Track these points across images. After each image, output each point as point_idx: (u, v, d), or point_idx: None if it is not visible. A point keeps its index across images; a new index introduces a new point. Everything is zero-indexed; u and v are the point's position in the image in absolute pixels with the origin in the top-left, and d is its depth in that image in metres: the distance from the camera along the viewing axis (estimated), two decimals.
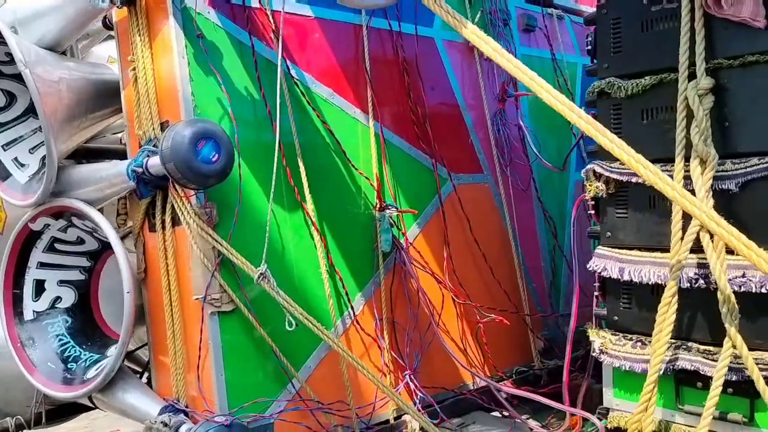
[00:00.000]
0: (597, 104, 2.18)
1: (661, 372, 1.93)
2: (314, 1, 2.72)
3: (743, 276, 1.83)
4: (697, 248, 1.88)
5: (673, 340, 1.94)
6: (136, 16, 2.49)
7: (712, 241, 1.82)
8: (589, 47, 2.21)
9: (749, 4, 1.79)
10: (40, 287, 2.94)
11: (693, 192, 1.84)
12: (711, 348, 1.92)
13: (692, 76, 1.91)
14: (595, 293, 2.24)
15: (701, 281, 1.92)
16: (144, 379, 2.90)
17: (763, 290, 1.79)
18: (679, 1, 1.92)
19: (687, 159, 1.91)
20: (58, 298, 2.98)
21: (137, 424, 2.53)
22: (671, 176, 1.91)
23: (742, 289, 1.82)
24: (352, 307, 2.69)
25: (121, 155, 3.33)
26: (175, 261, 2.45)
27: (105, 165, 2.77)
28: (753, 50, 1.84)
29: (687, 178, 1.90)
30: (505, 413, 2.91)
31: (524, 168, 3.49)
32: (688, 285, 1.94)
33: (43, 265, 2.94)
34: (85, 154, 3.11)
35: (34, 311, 2.94)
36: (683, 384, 2.00)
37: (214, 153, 2.18)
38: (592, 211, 2.21)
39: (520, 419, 2.80)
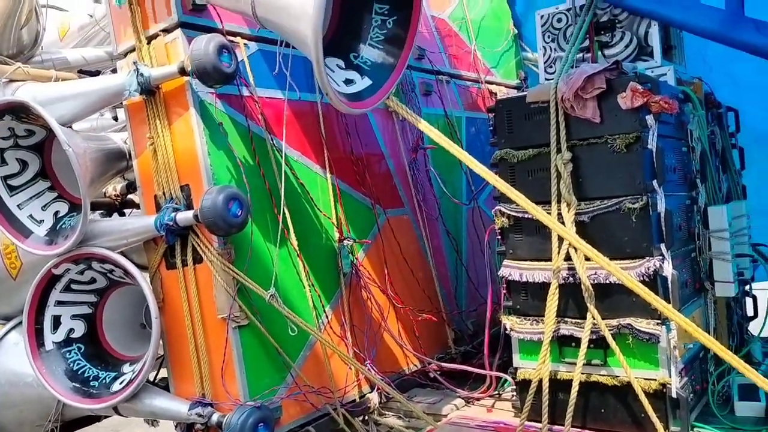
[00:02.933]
0: (498, 165, 3.27)
1: (551, 338, 3.04)
2: (283, 87, 3.58)
3: (595, 273, 2.97)
4: (567, 258, 3.01)
5: (556, 318, 3.05)
6: (155, 104, 3.23)
7: (576, 254, 2.95)
8: (491, 128, 3.31)
9: (590, 108, 2.94)
10: (56, 322, 3.53)
11: (564, 223, 2.98)
12: (579, 320, 3.04)
13: (559, 150, 3.05)
14: (503, 291, 3.33)
15: (571, 278, 3.04)
16: None
17: (607, 281, 2.94)
18: (548, 103, 3.06)
19: (558, 202, 3.04)
20: (71, 330, 3.58)
21: None
22: (550, 213, 3.02)
23: (595, 281, 2.96)
24: (326, 315, 3.58)
25: (106, 207, 4.01)
26: (197, 290, 3.22)
27: (128, 219, 3.46)
28: (593, 135, 3.00)
29: (559, 214, 3.03)
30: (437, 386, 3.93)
31: (433, 202, 4.56)
32: (564, 281, 3.06)
33: (59, 303, 3.53)
34: None
35: (53, 342, 3.52)
36: (563, 345, 3.12)
37: (239, 210, 3.00)
38: (499, 237, 3.30)
39: (450, 387, 3.82)
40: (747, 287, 4.24)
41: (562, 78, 3.03)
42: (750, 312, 4.33)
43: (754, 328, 4.23)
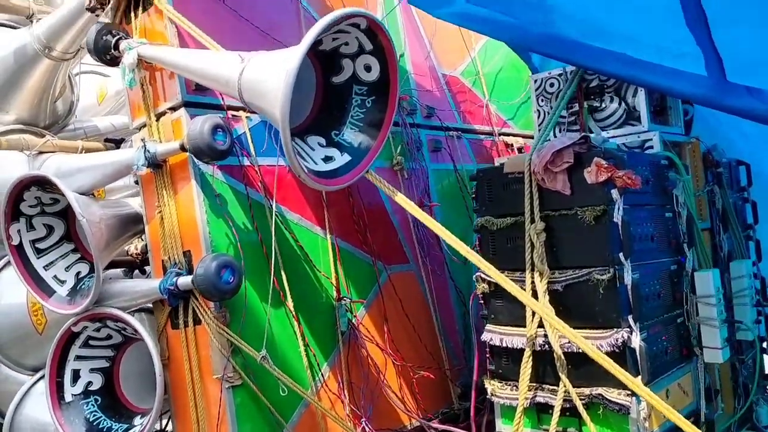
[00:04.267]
0: (480, 232, 3.39)
1: (527, 405, 3.10)
2: (284, 155, 3.80)
3: (569, 342, 3.02)
4: (542, 325, 3.08)
5: (532, 384, 3.12)
6: (162, 176, 3.52)
7: (549, 323, 3.02)
8: (473, 195, 3.43)
9: (560, 181, 3.03)
10: (76, 375, 3.81)
11: (537, 291, 3.06)
12: (555, 387, 3.10)
13: (532, 220, 3.14)
14: (487, 355, 3.41)
15: (547, 346, 3.11)
16: None
17: (578, 351, 2.98)
18: (522, 174, 3.17)
19: (532, 271, 3.13)
20: (89, 383, 3.86)
21: None
22: (524, 282, 3.11)
23: (568, 350, 3.02)
24: (322, 374, 3.74)
25: (128, 264, 4.31)
26: (197, 350, 3.45)
27: (138, 282, 3.74)
28: (564, 207, 3.09)
29: (533, 283, 3.11)
30: None
31: (438, 256, 4.67)
32: (540, 348, 3.13)
33: (79, 357, 3.82)
34: None
35: (72, 394, 3.80)
36: (541, 412, 3.17)
37: (231, 277, 3.23)
38: (482, 302, 3.40)
39: None
40: (765, 345, 4.17)
41: (536, 150, 3.14)
42: None
43: None
